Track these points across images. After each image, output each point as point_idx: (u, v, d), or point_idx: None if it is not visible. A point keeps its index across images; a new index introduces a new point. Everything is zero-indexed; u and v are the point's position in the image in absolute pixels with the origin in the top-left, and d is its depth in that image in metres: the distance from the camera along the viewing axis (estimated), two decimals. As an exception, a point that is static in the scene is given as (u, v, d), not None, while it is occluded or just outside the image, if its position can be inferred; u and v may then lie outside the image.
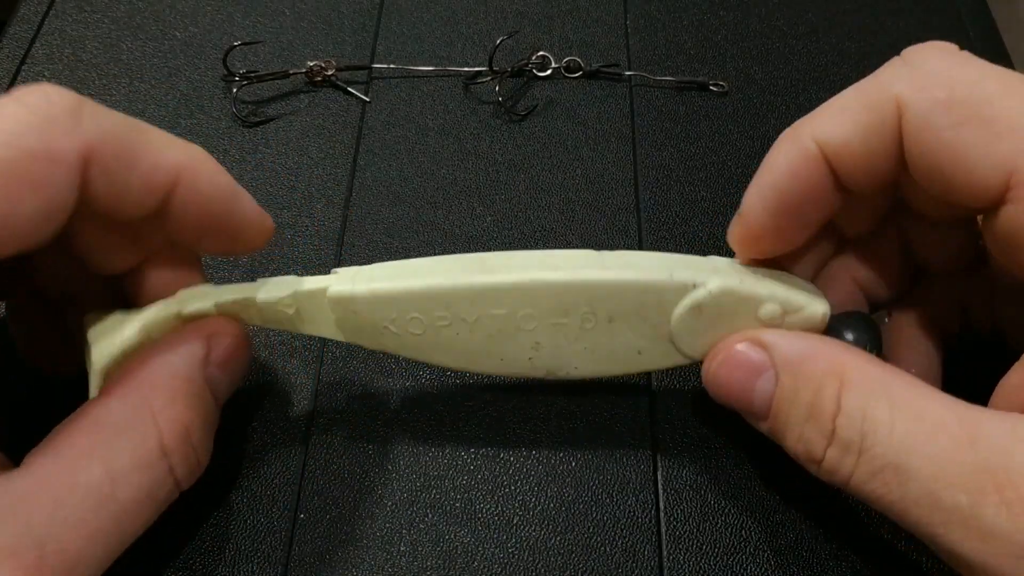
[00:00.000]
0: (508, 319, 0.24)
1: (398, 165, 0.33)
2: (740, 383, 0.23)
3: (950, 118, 0.20)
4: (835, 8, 0.38)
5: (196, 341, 0.23)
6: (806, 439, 0.21)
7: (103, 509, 0.20)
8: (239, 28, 0.37)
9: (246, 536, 0.25)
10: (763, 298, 0.23)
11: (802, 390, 0.22)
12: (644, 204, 0.32)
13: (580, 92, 0.36)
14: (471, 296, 0.24)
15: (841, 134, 0.22)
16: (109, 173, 0.20)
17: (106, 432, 0.21)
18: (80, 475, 0.20)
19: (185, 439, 0.22)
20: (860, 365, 0.21)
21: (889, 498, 0.20)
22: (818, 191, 0.22)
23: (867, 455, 0.20)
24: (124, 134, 0.21)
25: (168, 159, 0.21)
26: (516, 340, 0.25)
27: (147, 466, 0.21)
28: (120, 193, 0.21)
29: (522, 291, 0.24)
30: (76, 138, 0.19)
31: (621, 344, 0.25)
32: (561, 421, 0.27)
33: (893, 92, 0.21)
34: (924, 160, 0.21)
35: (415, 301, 0.24)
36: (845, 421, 0.20)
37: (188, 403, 0.22)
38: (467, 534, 0.25)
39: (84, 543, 0.20)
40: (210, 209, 0.23)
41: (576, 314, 0.24)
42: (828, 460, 0.21)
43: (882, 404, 0.20)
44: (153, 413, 0.21)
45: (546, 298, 0.24)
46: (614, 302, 0.24)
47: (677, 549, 0.25)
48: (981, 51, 0.37)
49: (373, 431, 0.27)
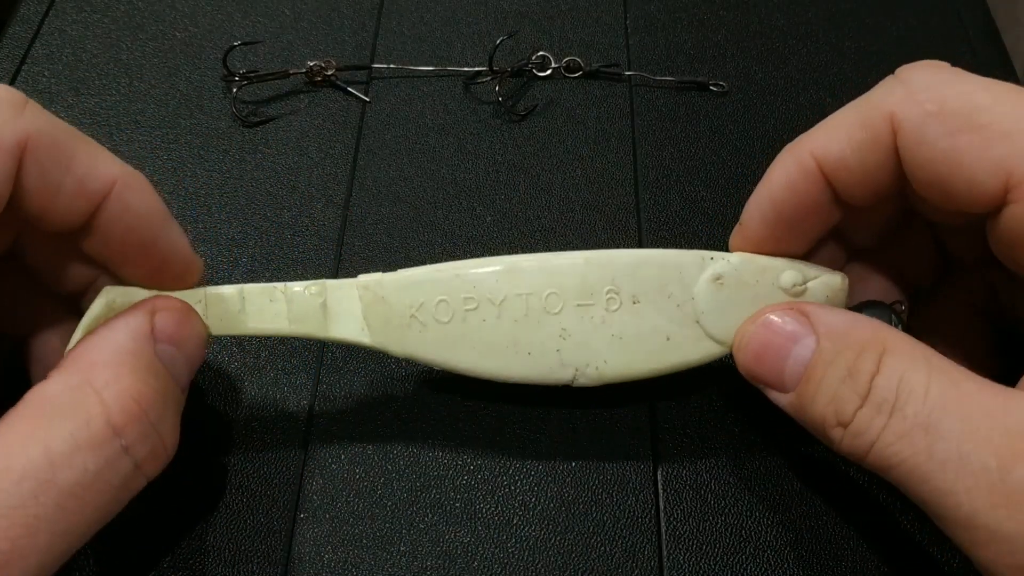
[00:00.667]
0: (534, 300, 0.25)
1: (398, 165, 0.33)
2: (776, 348, 0.23)
3: (944, 128, 0.20)
4: (835, 8, 0.38)
5: (137, 316, 0.22)
6: (839, 399, 0.21)
7: (42, 495, 0.19)
8: (239, 28, 0.37)
9: (246, 536, 0.25)
10: (782, 266, 0.24)
11: (845, 352, 0.22)
12: (644, 204, 0.32)
13: (580, 92, 0.36)
14: (497, 276, 0.25)
15: (837, 150, 0.22)
16: (43, 170, 0.20)
17: (46, 413, 0.20)
18: (15, 459, 0.19)
19: (139, 416, 0.21)
20: (902, 338, 0.22)
21: (915, 460, 0.20)
22: (815, 204, 0.23)
23: (899, 415, 0.20)
24: (63, 136, 0.21)
25: (103, 169, 0.22)
26: (543, 327, 0.25)
27: (93, 446, 0.20)
28: (52, 193, 0.21)
29: (546, 270, 0.25)
30: (16, 126, 0.20)
31: (649, 329, 0.25)
32: (561, 421, 0.27)
33: (887, 108, 0.21)
34: (922, 171, 0.21)
35: (442, 283, 0.25)
36: (883, 381, 0.21)
37: (137, 377, 0.21)
38: (467, 534, 0.25)
39: (21, 531, 0.19)
40: (138, 229, 0.23)
41: (600, 294, 0.25)
42: (858, 421, 0.21)
43: (920, 370, 0.20)
44: (96, 390, 0.20)
45: (570, 276, 0.25)
46: (636, 278, 0.25)
47: (677, 549, 0.25)
48: (981, 51, 0.37)
49: (373, 431, 0.27)
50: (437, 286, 0.25)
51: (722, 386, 0.28)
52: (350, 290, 0.25)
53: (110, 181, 0.22)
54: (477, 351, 0.25)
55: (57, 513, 0.19)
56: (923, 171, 0.21)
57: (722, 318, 0.25)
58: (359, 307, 0.25)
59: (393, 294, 0.25)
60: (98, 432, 0.20)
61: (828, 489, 0.26)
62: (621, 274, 0.25)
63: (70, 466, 0.19)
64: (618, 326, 0.25)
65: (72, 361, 0.21)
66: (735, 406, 0.28)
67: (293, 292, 0.25)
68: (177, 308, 0.23)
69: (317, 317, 0.25)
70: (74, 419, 0.20)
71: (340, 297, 0.25)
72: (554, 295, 0.25)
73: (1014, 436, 0.19)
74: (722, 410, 0.28)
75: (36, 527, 0.19)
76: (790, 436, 0.27)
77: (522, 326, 0.25)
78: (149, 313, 0.22)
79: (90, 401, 0.20)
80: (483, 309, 0.25)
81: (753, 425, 0.27)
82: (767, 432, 0.27)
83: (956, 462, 0.19)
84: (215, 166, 0.33)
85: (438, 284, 0.25)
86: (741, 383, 0.28)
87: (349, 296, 0.25)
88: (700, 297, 0.25)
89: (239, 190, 0.32)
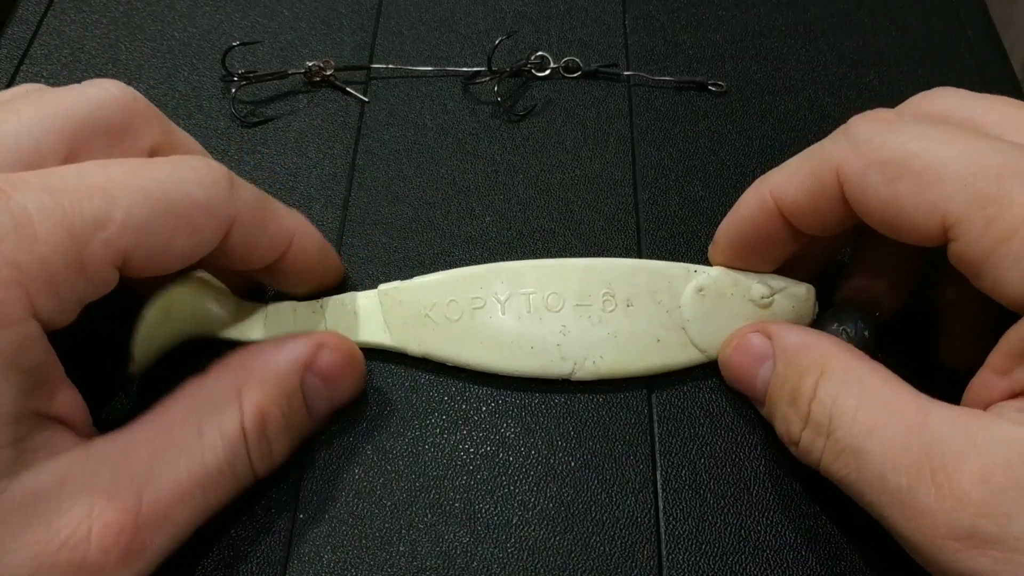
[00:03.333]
0: (536, 298, 0.28)
1: (397, 165, 0.33)
2: (747, 368, 0.26)
3: (883, 177, 0.22)
4: (835, 8, 0.38)
5: (302, 345, 0.25)
6: (788, 421, 0.24)
7: (194, 469, 0.22)
8: (238, 28, 0.37)
9: (246, 536, 0.25)
10: (753, 279, 0.27)
11: (790, 376, 0.24)
12: (643, 204, 0.32)
13: (579, 92, 0.36)
14: (502, 277, 0.28)
15: (792, 194, 0.25)
16: (246, 234, 0.24)
17: (200, 402, 0.23)
18: (175, 435, 0.22)
19: (260, 427, 0.23)
20: (843, 359, 0.24)
21: (849, 479, 0.22)
22: (774, 236, 0.26)
23: (833, 437, 0.22)
24: (259, 205, 0.25)
25: (287, 224, 0.26)
26: (545, 323, 0.27)
27: (230, 440, 0.23)
28: (251, 249, 0.25)
29: (548, 271, 0.28)
30: (231, 206, 0.24)
31: (641, 330, 0.27)
32: (560, 421, 0.27)
33: (834, 161, 0.24)
34: (870, 216, 0.23)
35: (452, 284, 0.28)
36: (818, 407, 0.23)
37: (272, 396, 0.24)
38: (466, 534, 0.25)
39: (175, 498, 0.22)
40: (311, 261, 0.27)
41: (597, 296, 0.27)
42: (803, 441, 0.24)
43: (852, 393, 0.23)
44: (239, 394, 0.23)
45: (570, 277, 0.28)
46: (630, 284, 0.28)
47: (676, 549, 0.25)
48: (980, 51, 0.37)
49: (373, 431, 0.27)
50: (448, 288, 0.28)
51: (722, 386, 0.28)
52: (373, 297, 0.28)
53: (292, 233, 0.26)
54: (484, 346, 0.27)
55: (200, 490, 0.22)
56: (870, 215, 0.23)
57: (703, 327, 0.27)
58: (380, 312, 0.28)
59: (409, 297, 0.28)
60: (234, 429, 0.23)
61: (828, 489, 0.26)
62: (617, 279, 0.28)
63: (214, 452, 0.22)
64: (614, 325, 0.27)
65: (232, 363, 0.24)
66: (735, 406, 0.28)
67: (329, 303, 0.28)
68: (340, 350, 0.26)
69: (349, 324, 0.28)
70: (220, 412, 0.23)
71: (365, 305, 0.28)
72: (555, 295, 0.28)
73: (922, 456, 0.20)
74: (722, 411, 0.28)
75: (185, 498, 0.22)
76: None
77: (525, 323, 0.27)
78: (314, 346, 0.25)
79: (234, 401, 0.23)
80: (489, 307, 0.27)
81: (753, 425, 0.27)
82: (767, 432, 0.27)
83: (877, 481, 0.21)
84: (214, 166, 0.33)
85: (448, 286, 0.28)
86: (740, 383, 0.28)
87: (372, 303, 0.28)
88: (686, 306, 0.27)
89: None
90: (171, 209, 0.22)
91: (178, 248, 0.23)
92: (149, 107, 0.26)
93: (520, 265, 0.28)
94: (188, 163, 0.23)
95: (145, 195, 0.21)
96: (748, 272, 0.28)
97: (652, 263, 0.28)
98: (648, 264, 0.28)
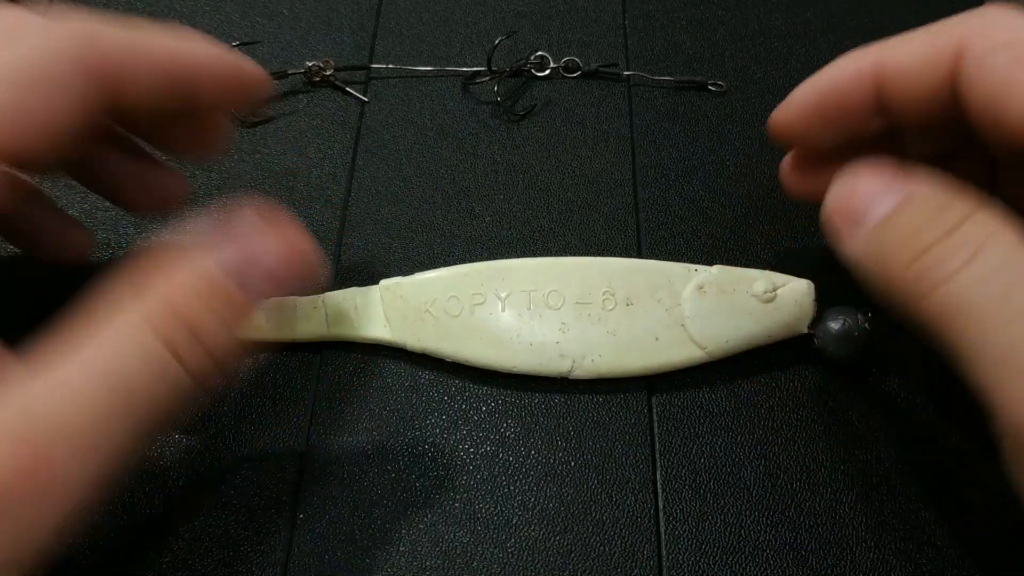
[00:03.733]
0: (537, 296, 0.28)
1: (396, 165, 0.33)
2: (873, 185, 0.22)
3: (1007, 57, 0.21)
4: (835, 8, 0.38)
5: (224, 247, 0.22)
6: (920, 230, 0.20)
7: (95, 377, 0.19)
8: (237, 28, 0.37)
9: (246, 536, 0.25)
10: (755, 276, 0.28)
11: (939, 195, 0.21)
12: (643, 204, 0.32)
13: (578, 92, 0.36)
14: (503, 274, 0.28)
15: (899, 59, 0.23)
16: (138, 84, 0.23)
17: (106, 311, 0.20)
18: (83, 352, 0.19)
19: (179, 323, 0.20)
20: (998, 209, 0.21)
21: (985, 307, 0.19)
22: (857, 105, 0.24)
23: (982, 258, 0.19)
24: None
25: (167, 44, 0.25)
26: (544, 321, 0.27)
27: (141, 346, 0.20)
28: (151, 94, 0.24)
29: (549, 269, 0.28)
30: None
31: (640, 328, 0.27)
32: (560, 420, 0.27)
33: (958, 32, 0.22)
34: (979, 100, 0.21)
35: (453, 280, 0.28)
36: (972, 226, 0.20)
37: (183, 285, 0.21)
38: (466, 534, 0.25)
39: (91, 420, 0.19)
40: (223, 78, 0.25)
41: (597, 294, 0.28)
42: (934, 253, 0.20)
43: (1011, 233, 0.19)
44: (143, 292, 0.20)
45: (570, 275, 0.28)
46: (630, 283, 0.28)
47: (676, 549, 0.25)
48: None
49: (372, 431, 0.27)
50: (448, 284, 0.28)
51: (722, 386, 0.28)
52: (374, 293, 0.28)
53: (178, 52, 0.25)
54: (484, 342, 0.27)
55: (125, 410, 0.19)
56: (979, 101, 0.21)
57: (703, 324, 0.27)
58: (381, 307, 0.28)
59: (410, 292, 0.28)
60: (144, 333, 0.20)
61: (827, 490, 0.26)
62: (617, 278, 0.28)
63: (125, 362, 0.19)
64: (613, 324, 0.27)
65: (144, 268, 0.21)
66: (735, 406, 0.28)
67: (331, 299, 0.28)
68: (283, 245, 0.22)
69: (350, 319, 0.28)
70: (126, 318, 0.20)
71: (367, 300, 0.28)
72: (555, 293, 0.28)
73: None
74: (722, 411, 0.28)
75: (107, 419, 0.19)
76: (790, 437, 0.27)
77: (525, 320, 0.27)
78: (236, 242, 0.22)
79: (138, 301, 0.20)
80: (490, 304, 0.28)
81: (753, 426, 0.27)
82: (767, 432, 0.27)
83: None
84: (213, 166, 0.33)
85: (449, 282, 0.28)
86: (742, 384, 0.28)
87: (374, 299, 0.28)
88: (686, 303, 0.27)
89: (238, 190, 0.32)
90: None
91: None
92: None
93: (521, 263, 0.29)
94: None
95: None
96: (749, 268, 0.28)
97: (652, 263, 0.29)
98: (648, 264, 0.28)
